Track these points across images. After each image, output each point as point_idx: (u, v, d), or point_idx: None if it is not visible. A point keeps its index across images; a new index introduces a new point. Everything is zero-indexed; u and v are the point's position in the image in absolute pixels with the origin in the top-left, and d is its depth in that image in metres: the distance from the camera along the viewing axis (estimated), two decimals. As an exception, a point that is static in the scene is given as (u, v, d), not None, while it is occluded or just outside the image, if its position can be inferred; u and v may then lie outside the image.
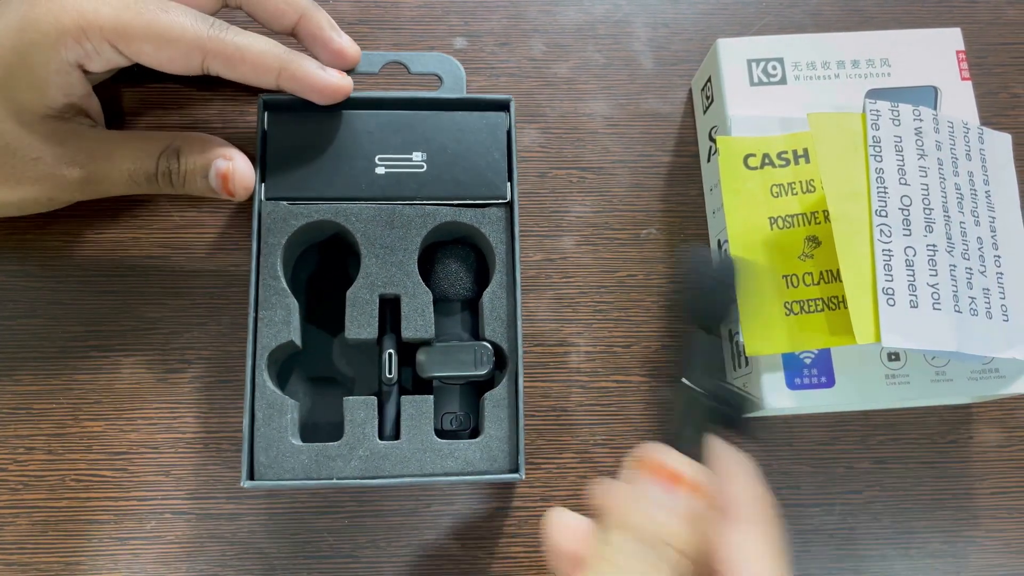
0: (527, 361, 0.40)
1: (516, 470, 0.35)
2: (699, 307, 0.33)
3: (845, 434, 0.40)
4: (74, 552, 0.37)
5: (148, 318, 0.39)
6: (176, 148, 0.36)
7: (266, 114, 0.37)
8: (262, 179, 0.37)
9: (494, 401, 0.35)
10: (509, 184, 0.37)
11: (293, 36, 0.38)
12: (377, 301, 0.36)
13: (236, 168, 0.36)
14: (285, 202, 0.36)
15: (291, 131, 0.37)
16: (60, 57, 0.33)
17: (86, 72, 0.35)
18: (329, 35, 0.37)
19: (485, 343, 0.36)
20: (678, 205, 0.42)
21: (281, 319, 0.35)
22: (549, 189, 0.41)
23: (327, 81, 0.36)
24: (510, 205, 0.37)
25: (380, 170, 0.37)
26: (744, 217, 0.36)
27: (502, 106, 0.38)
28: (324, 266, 0.39)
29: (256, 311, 0.35)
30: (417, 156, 0.37)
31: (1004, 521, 0.39)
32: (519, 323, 0.36)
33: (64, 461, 0.37)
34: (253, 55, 0.34)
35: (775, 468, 0.39)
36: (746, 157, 0.36)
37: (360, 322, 0.36)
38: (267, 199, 0.36)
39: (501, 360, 0.36)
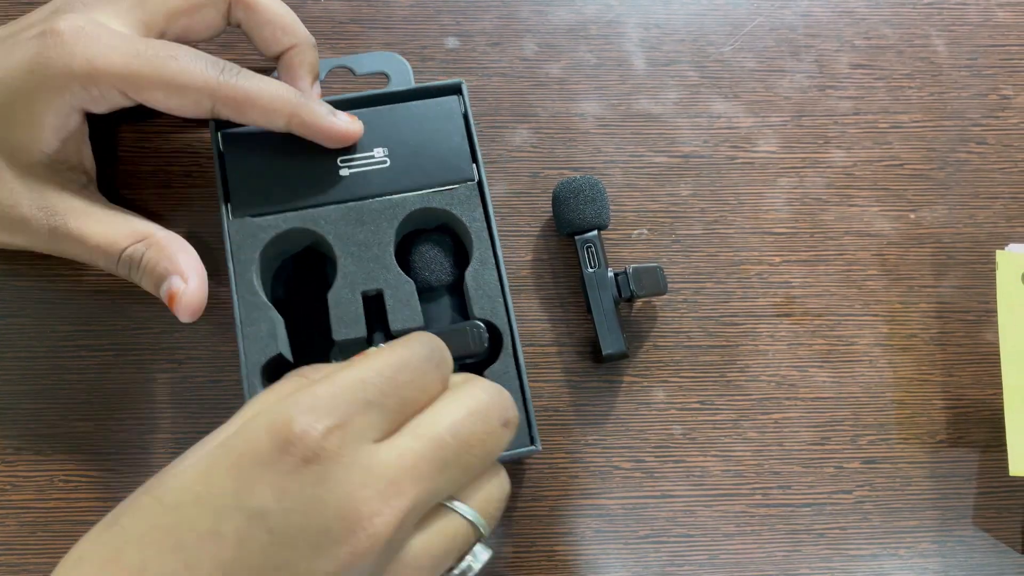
0: (518, 361, 0.40)
1: (532, 443, 0.35)
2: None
3: (835, 434, 0.40)
4: (63, 553, 0.36)
5: (138, 317, 0.39)
6: (143, 247, 0.35)
7: (219, 134, 0.37)
8: (226, 200, 0.36)
9: (495, 377, 0.35)
10: (475, 165, 0.37)
11: (274, 61, 0.38)
12: (360, 299, 0.36)
13: (185, 292, 0.35)
14: (253, 217, 0.36)
15: (248, 146, 0.37)
16: (64, 100, 0.33)
17: (89, 114, 0.35)
18: (301, 74, 0.37)
19: (477, 322, 0.36)
20: (670, 206, 0.42)
21: (267, 333, 0.35)
22: (541, 189, 0.41)
23: (336, 127, 0.36)
24: (479, 184, 0.37)
25: (344, 172, 0.37)
26: (1020, 335, 0.36)
27: (454, 90, 0.38)
28: (310, 277, 0.39)
29: (241, 329, 0.35)
30: (379, 153, 0.37)
31: (993, 521, 0.39)
32: (508, 295, 0.36)
33: (53, 461, 0.37)
34: (264, 101, 0.34)
35: (766, 468, 0.39)
36: None
37: (346, 322, 0.35)
38: (234, 218, 0.36)
39: (496, 337, 0.36)
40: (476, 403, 0.29)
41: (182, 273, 0.35)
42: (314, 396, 0.26)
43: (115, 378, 0.38)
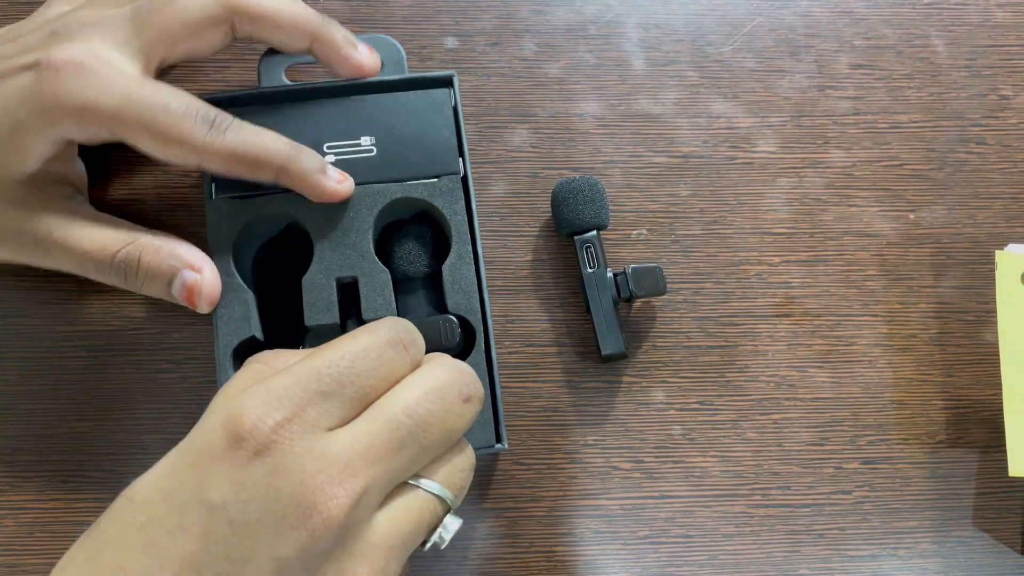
0: (519, 361, 0.40)
1: (499, 441, 0.35)
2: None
3: (835, 435, 0.40)
4: (61, 554, 0.36)
5: (137, 318, 0.39)
6: (138, 249, 0.34)
7: None
8: (212, 180, 0.36)
9: None
10: (461, 159, 0.37)
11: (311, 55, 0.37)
12: (334, 285, 0.36)
13: (204, 282, 0.34)
14: (232, 199, 0.36)
15: None
16: (53, 131, 0.33)
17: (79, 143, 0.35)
18: (346, 53, 0.37)
19: (450, 316, 0.36)
20: (669, 206, 0.42)
21: (240, 315, 0.35)
22: (540, 189, 0.41)
23: (322, 185, 0.35)
24: (464, 179, 0.37)
25: (330, 158, 0.37)
26: (1020, 335, 0.37)
27: (445, 82, 0.38)
28: (292, 260, 0.38)
29: (215, 310, 0.35)
30: (366, 141, 0.37)
31: (992, 521, 0.39)
32: (485, 291, 0.36)
33: (51, 462, 0.37)
34: (250, 157, 0.34)
35: (765, 469, 0.39)
36: None
37: (318, 307, 0.35)
38: (216, 198, 0.36)
39: (471, 332, 0.36)
40: (433, 382, 0.30)
41: (191, 265, 0.35)
42: (267, 390, 0.27)
43: (114, 378, 0.38)
